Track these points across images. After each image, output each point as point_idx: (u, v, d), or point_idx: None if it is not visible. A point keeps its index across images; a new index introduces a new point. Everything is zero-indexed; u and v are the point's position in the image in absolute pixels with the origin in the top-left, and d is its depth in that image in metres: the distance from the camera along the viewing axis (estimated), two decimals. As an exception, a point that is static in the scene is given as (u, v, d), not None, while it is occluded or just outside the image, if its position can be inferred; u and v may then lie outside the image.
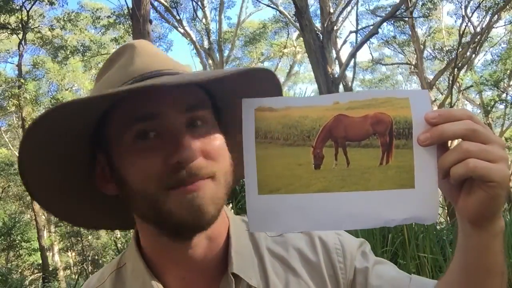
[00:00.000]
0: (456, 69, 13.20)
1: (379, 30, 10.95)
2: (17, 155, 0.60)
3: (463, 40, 13.97)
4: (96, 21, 19.00)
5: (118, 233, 20.71)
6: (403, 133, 0.53)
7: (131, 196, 0.61)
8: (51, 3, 14.21)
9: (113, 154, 0.62)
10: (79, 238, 17.82)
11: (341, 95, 0.56)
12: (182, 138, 0.57)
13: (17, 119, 17.63)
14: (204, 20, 18.45)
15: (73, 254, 18.96)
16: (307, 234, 0.71)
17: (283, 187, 0.54)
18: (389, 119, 0.54)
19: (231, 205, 4.02)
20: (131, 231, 0.75)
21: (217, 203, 0.59)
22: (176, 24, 17.69)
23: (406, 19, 14.98)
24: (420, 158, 0.53)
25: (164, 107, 0.59)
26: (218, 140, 0.62)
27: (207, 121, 0.62)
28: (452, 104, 13.08)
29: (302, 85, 25.53)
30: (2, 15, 13.33)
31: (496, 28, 17.39)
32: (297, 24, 10.05)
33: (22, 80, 14.35)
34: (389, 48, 20.40)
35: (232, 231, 0.68)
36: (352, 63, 10.50)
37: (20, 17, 13.61)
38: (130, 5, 7.67)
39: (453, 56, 14.59)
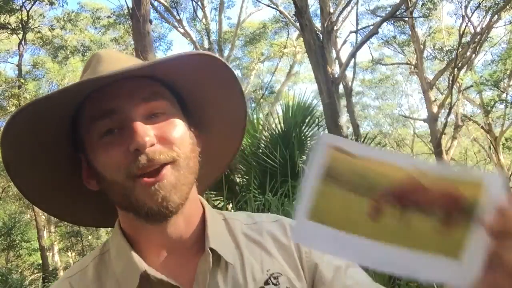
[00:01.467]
0: (456, 69, 13.20)
1: (379, 30, 10.95)
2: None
3: (463, 40, 13.96)
4: (96, 21, 19.01)
5: (118, 233, 20.66)
6: (469, 211, 0.53)
7: (106, 188, 0.66)
8: (51, 3, 14.21)
9: (88, 152, 0.67)
10: (79, 238, 17.81)
11: (420, 162, 0.56)
12: (137, 126, 0.62)
13: (17, 119, 17.60)
14: (204, 20, 18.44)
15: (73, 254, 18.95)
16: (279, 221, 0.76)
17: (333, 222, 0.55)
18: (459, 196, 0.54)
19: (231, 205, 4.02)
20: None
21: (181, 190, 0.64)
22: (176, 24, 17.69)
23: (406, 19, 14.98)
24: (476, 237, 0.53)
25: (120, 102, 0.64)
26: (176, 127, 0.66)
27: (166, 111, 0.67)
28: (452, 104, 13.08)
29: (302, 85, 25.54)
30: (2, 15, 13.32)
31: (496, 28, 17.41)
32: (297, 24, 10.05)
33: (22, 80, 14.35)
34: (389, 48, 20.41)
35: (207, 215, 0.72)
36: (352, 63, 10.50)
37: (20, 17, 13.60)
38: (130, 5, 7.66)
39: (453, 56, 14.59)
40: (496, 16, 15.00)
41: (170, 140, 0.64)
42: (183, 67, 0.68)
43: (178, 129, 0.66)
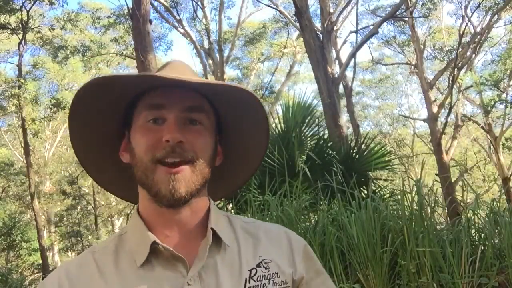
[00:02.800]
0: (456, 69, 13.19)
1: (379, 30, 10.95)
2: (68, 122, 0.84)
3: (463, 40, 13.95)
4: (96, 21, 18.99)
5: (118, 233, 20.61)
6: None
7: (134, 163, 0.79)
8: (51, 3, 14.20)
9: (131, 131, 0.82)
10: (79, 238, 17.81)
11: None
12: (176, 126, 0.77)
13: (17, 119, 17.62)
14: (204, 20, 18.43)
15: (73, 254, 18.94)
16: (284, 229, 0.90)
17: None
18: None
19: (231, 205, 4.02)
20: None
21: (189, 186, 0.76)
22: (176, 24, 17.68)
23: (406, 19, 14.97)
24: None
25: (171, 102, 0.79)
26: (205, 139, 0.80)
27: (202, 122, 0.80)
28: (452, 104, 13.07)
29: (302, 85, 25.53)
30: (2, 15, 13.32)
31: (496, 28, 17.41)
32: (297, 24, 10.05)
33: (22, 80, 14.34)
34: (389, 48, 20.40)
35: (212, 208, 0.84)
36: (352, 63, 10.50)
37: (20, 17, 13.59)
38: (130, 5, 7.66)
39: (453, 56, 14.58)
40: (496, 16, 14.99)
41: (195, 146, 0.78)
42: (230, 95, 0.81)
43: (205, 140, 0.80)
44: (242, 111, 0.86)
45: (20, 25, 13.71)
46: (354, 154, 4.73)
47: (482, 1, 14.10)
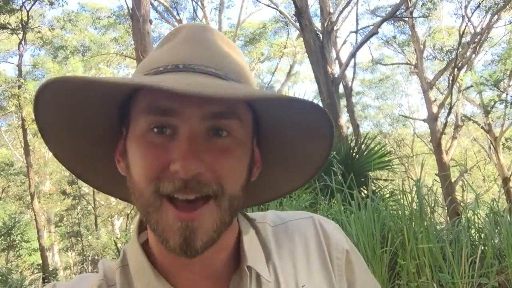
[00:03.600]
0: (456, 69, 13.19)
1: (379, 30, 10.95)
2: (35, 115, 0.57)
3: (463, 40, 13.96)
4: (96, 21, 19.01)
5: (118, 233, 20.68)
6: None
7: (132, 189, 0.56)
8: (51, 3, 14.21)
9: (128, 135, 0.57)
10: (79, 238, 17.80)
11: None
12: (192, 147, 0.51)
13: (17, 119, 17.62)
14: (204, 20, 18.44)
15: (73, 254, 18.95)
16: (311, 219, 0.69)
17: None
18: None
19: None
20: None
21: (211, 237, 0.53)
22: (176, 24, 17.68)
23: (406, 19, 14.98)
24: None
25: (187, 107, 0.52)
26: (236, 159, 0.55)
27: (233, 133, 0.55)
28: (452, 104, 13.07)
29: (302, 85, 25.55)
30: (2, 15, 13.32)
31: (496, 28, 17.41)
32: (297, 24, 10.05)
33: (22, 80, 14.35)
34: (389, 48, 20.41)
35: (242, 231, 0.63)
36: (352, 63, 10.51)
37: (20, 17, 13.60)
38: (130, 5, 7.66)
39: (453, 56, 14.58)
40: (496, 16, 15.00)
41: (221, 174, 0.53)
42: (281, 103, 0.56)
43: (237, 162, 0.55)
44: (295, 113, 0.58)
45: (20, 25, 13.72)
46: (354, 154, 4.73)
47: (482, 1, 14.11)
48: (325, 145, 0.64)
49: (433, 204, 2.85)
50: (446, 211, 3.84)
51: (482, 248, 2.56)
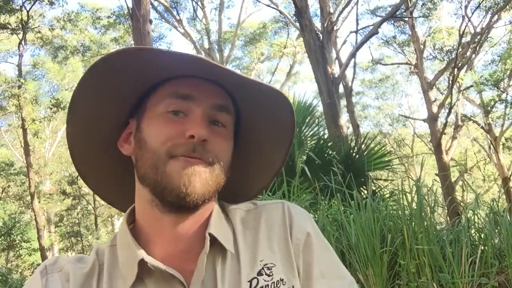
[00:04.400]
0: (456, 69, 13.19)
1: (379, 30, 10.95)
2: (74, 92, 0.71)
3: (463, 40, 13.96)
4: (96, 21, 19.01)
5: (118, 233, 20.64)
6: None
7: (143, 154, 0.69)
8: (51, 3, 14.21)
9: (143, 119, 0.71)
10: (79, 238, 17.81)
11: None
12: (204, 121, 0.68)
13: (17, 119, 17.62)
14: (204, 20, 18.44)
15: (73, 254, 18.94)
16: (281, 203, 0.77)
17: None
18: None
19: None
20: None
21: (206, 188, 0.66)
22: (176, 24, 17.68)
23: (406, 19, 14.97)
24: None
25: (200, 94, 0.70)
26: (226, 143, 0.72)
27: (226, 125, 0.72)
28: (452, 104, 13.07)
29: (302, 85, 25.54)
30: (2, 15, 13.32)
31: (496, 28, 17.41)
32: (297, 24, 10.05)
33: (22, 80, 14.34)
34: (389, 48, 20.40)
35: (214, 209, 0.73)
36: (352, 63, 10.50)
37: (20, 17, 13.60)
38: (130, 5, 7.66)
39: (453, 56, 14.58)
40: (496, 16, 14.99)
41: (217, 149, 0.69)
42: (259, 96, 0.72)
43: (227, 145, 0.72)
44: (267, 114, 0.76)
45: (20, 25, 13.71)
46: (354, 154, 4.73)
47: (482, 1, 14.10)
48: (288, 133, 0.77)
49: (433, 204, 2.85)
50: (446, 211, 3.84)
51: (482, 248, 2.56)
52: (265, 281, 0.68)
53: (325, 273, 0.72)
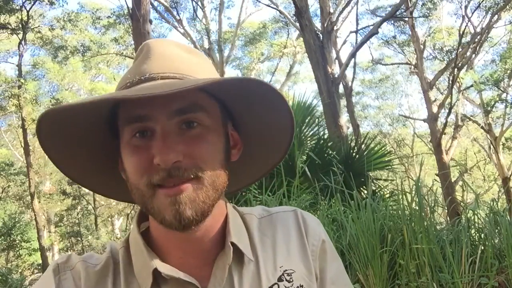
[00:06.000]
0: (456, 69, 13.19)
1: (379, 30, 10.95)
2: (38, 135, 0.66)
3: (463, 40, 13.96)
4: (96, 21, 19.01)
5: (118, 233, 20.68)
6: None
7: (130, 187, 0.66)
8: (51, 3, 14.21)
9: (120, 145, 0.67)
10: (79, 238, 17.81)
11: None
12: (166, 142, 0.61)
13: (17, 119, 17.62)
14: (204, 20, 18.44)
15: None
16: (294, 211, 0.77)
17: None
18: None
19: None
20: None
21: (198, 206, 0.62)
22: (176, 24, 17.69)
23: (406, 19, 14.97)
24: None
25: (154, 111, 0.63)
26: (209, 144, 0.64)
27: (202, 123, 0.64)
28: (452, 104, 13.07)
29: (302, 85, 25.55)
30: (2, 15, 13.32)
31: (496, 28, 17.41)
32: (297, 24, 10.05)
33: (22, 80, 14.34)
34: (389, 48, 20.41)
35: (229, 214, 0.73)
36: (352, 63, 10.50)
37: (20, 17, 13.60)
38: (130, 5, 7.66)
39: (453, 56, 14.58)
40: (496, 16, 14.99)
41: (198, 157, 0.63)
42: (236, 87, 0.65)
43: (210, 145, 0.65)
44: (249, 93, 0.67)
45: (20, 25, 13.72)
46: (354, 154, 4.73)
47: (482, 1, 14.10)
48: (286, 117, 0.71)
49: (433, 204, 2.85)
50: (446, 211, 3.84)
51: (482, 248, 2.56)
52: (285, 287, 0.69)
53: (335, 280, 0.74)
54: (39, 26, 16.03)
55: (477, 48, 15.31)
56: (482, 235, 2.72)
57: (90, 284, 0.66)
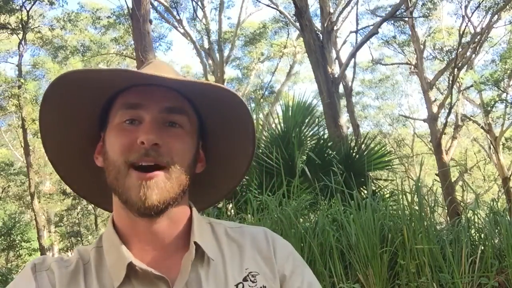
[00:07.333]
0: (456, 69, 13.19)
1: (379, 30, 10.95)
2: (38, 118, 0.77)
3: (463, 40, 13.96)
4: (96, 21, 19.01)
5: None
6: None
7: (107, 167, 0.73)
8: (51, 3, 14.21)
9: (106, 133, 0.76)
10: (79, 238, 17.82)
11: None
12: (152, 127, 0.71)
13: (17, 119, 17.62)
14: (204, 20, 18.44)
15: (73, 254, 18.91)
16: (263, 229, 0.83)
17: None
18: None
19: (230, 205, 4.02)
20: None
21: (163, 194, 0.70)
22: (176, 24, 17.69)
23: (406, 19, 14.97)
24: None
25: (148, 102, 0.73)
26: (183, 143, 0.74)
27: (183, 125, 0.75)
28: (452, 104, 13.07)
29: (302, 85, 25.53)
30: (2, 15, 13.32)
31: (496, 28, 17.41)
32: (297, 24, 10.05)
33: (22, 80, 14.35)
34: (389, 48, 20.40)
35: (194, 218, 0.78)
36: (352, 63, 10.50)
37: (20, 17, 13.60)
38: (130, 5, 7.66)
39: (453, 56, 14.58)
40: (496, 16, 14.99)
41: (172, 150, 0.72)
42: (213, 96, 0.75)
43: (184, 145, 0.74)
44: (226, 114, 0.80)
45: (20, 25, 13.72)
46: (354, 154, 4.73)
47: (482, 1, 14.10)
48: (249, 142, 0.83)
49: (433, 204, 2.85)
50: (446, 211, 3.84)
51: (482, 248, 2.56)
52: (249, 286, 0.74)
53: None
54: (39, 26, 16.04)
55: (477, 48, 15.31)
56: (482, 235, 2.72)
57: (64, 282, 0.71)
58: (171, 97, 0.75)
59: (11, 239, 14.62)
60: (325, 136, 5.26)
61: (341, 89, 10.93)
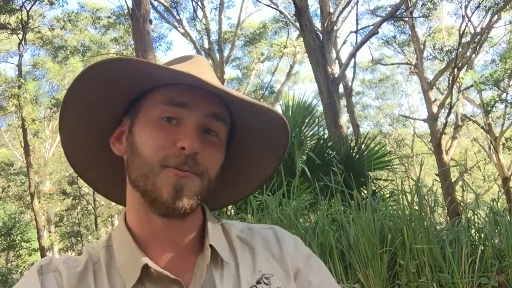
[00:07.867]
0: (456, 69, 13.19)
1: (379, 30, 10.95)
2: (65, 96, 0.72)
3: (463, 40, 13.96)
4: (96, 21, 19.02)
5: (118, 233, 20.61)
6: None
7: (135, 160, 0.70)
8: (51, 3, 14.21)
9: (137, 122, 0.72)
10: (79, 238, 17.82)
11: None
12: (197, 133, 0.68)
13: (17, 119, 17.62)
14: (204, 20, 18.44)
15: (73, 254, 18.93)
16: (272, 228, 0.82)
17: None
18: None
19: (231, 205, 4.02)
20: None
21: (194, 201, 0.68)
22: (176, 24, 17.69)
23: (406, 19, 14.97)
24: None
25: (196, 103, 0.69)
26: (218, 154, 0.72)
27: (219, 134, 0.72)
28: (452, 104, 13.07)
29: (302, 85, 25.54)
30: (2, 15, 13.32)
31: (496, 28, 17.42)
32: (297, 24, 10.05)
33: (22, 80, 14.34)
34: (389, 48, 20.41)
35: (208, 218, 0.77)
36: (352, 63, 10.50)
37: (20, 17, 13.60)
38: (130, 5, 7.66)
39: (453, 56, 14.58)
40: (496, 16, 14.99)
41: (207, 160, 0.69)
42: (251, 110, 0.72)
43: (218, 156, 0.72)
44: (260, 130, 0.77)
45: (20, 25, 13.72)
46: (354, 154, 4.73)
47: (482, 1, 14.10)
48: (277, 158, 0.81)
49: (433, 204, 2.85)
50: (446, 211, 3.84)
51: (482, 248, 2.56)
52: None
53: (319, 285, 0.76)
54: (39, 26, 16.04)
55: (477, 48, 15.31)
56: (482, 235, 2.72)
57: (73, 283, 0.68)
58: (216, 103, 0.71)
59: (11, 239, 14.63)
60: (325, 136, 5.26)
61: (341, 89, 10.93)
